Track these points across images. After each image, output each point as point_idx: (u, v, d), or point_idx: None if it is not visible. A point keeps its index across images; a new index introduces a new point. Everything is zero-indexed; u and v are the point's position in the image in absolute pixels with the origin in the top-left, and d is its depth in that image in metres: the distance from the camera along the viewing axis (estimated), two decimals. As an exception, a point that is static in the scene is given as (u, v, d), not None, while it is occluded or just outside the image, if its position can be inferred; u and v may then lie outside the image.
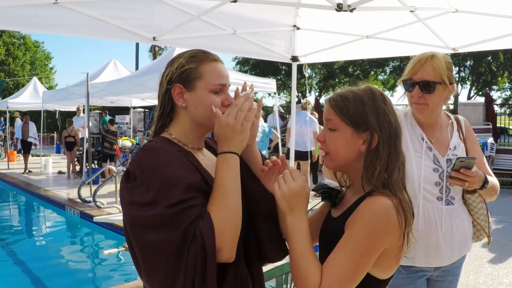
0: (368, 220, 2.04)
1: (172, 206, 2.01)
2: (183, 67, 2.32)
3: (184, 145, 2.36)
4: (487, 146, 17.17)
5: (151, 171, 2.10)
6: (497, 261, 8.83)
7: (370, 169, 2.17)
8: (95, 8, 5.41)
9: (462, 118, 3.69)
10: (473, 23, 5.92)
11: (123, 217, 2.17)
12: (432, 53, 3.36)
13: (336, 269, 2.00)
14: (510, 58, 38.83)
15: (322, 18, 6.56)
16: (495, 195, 3.51)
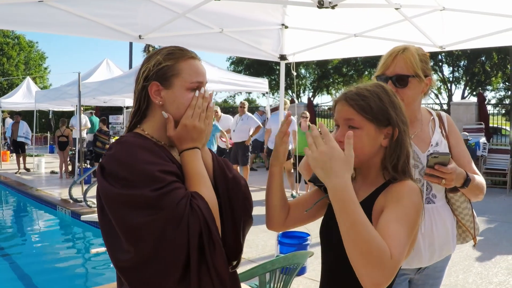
0: (414, 198, 2.14)
1: (156, 189, 2.04)
2: (160, 64, 2.31)
3: (158, 141, 2.36)
4: (479, 146, 17.18)
5: (128, 161, 2.11)
6: (487, 261, 8.81)
7: (393, 160, 2.27)
8: (79, 6, 5.37)
9: (445, 114, 3.57)
10: (460, 21, 5.91)
11: (101, 203, 2.15)
12: (404, 46, 3.26)
13: (397, 240, 1.97)
14: (504, 58, 38.83)
15: (310, 17, 6.55)
16: (480, 194, 3.35)
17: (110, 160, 2.15)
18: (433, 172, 2.95)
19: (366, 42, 6.86)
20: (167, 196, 2.05)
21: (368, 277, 1.90)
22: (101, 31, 5.76)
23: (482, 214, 12.67)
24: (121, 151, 2.16)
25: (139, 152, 2.14)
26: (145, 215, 2.01)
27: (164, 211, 2.02)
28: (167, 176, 2.11)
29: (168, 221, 2.02)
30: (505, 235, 10.73)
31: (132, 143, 2.20)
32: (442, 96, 48.33)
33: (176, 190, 2.09)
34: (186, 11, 5.85)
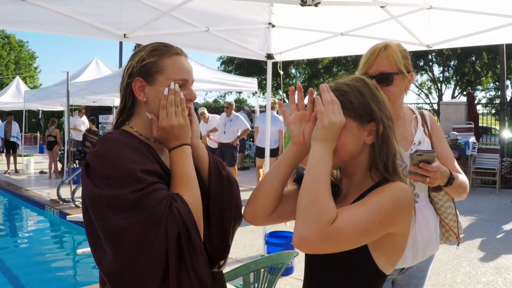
0: (397, 192, 2.04)
1: (136, 190, 2.02)
2: (144, 60, 2.29)
3: (146, 138, 2.34)
4: (469, 145, 17.22)
5: (111, 159, 2.09)
6: (476, 260, 8.82)
7: (382, 158, 2.15)
8: (63, 4, 5.33)
9: (427, 113, 3.53)
10: (447, 20, 5.91)
11: (85, 203, 2.13)
12: (385, 43, 3.20)
13: (353, 216, 1.93)
14: (494, 58, 38.92)
15: (297, 16, 6.54)
16: (464, 193, 3.29)
17: (93, 157, 2.13)
18: (417, 170, 2.87)
19: (353, 41, 6.86)
20: (147, 198, 2.02)
21: (299, 228, 1.90)
22: (86, 30, 5.72)
23: (471, 213, 12.71)
24: (104, 148, 2.15)
25: (122, 150, 2.13)
26: (124, 217, 1.99)
27: (143, 214, 2.00)
28: (149, 177, 2.08)
29: (146, 224, 2.00)
30: (493, 235, 10.75)
31: (116, 140, 2.19)
32: (432, 95, 48.49)
33: (156, 192, 2.06)
34: (171, 9, 5.82)
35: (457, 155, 16.41)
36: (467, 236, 10.47)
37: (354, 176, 2.24)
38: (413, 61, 42.89)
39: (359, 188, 2.19)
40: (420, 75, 46.98)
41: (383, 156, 2.14)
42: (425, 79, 48.86)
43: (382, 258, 2.08)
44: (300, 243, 1.88)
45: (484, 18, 5.63)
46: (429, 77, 47.32)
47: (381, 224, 1.97)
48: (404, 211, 2.03)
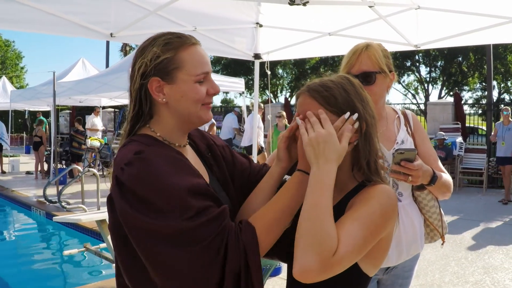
0: (384, 200, 2.00)
1: (189, 218, 1.80)
2: (159, 57, 2.03)
3: (170, 143, 2.12)
4: (456, 145, 17.27)
5: (156, 182, 1.84)
6: (464, 260, 8.83)
7: (365, 157, 2.11)
8: (49, 3, 5.29)
9: (410, 113, 3.53)
10: (436, 20, 5.92)
11: (124, 228, 1.88)
12: (366, 43, 3.21)
13: (351, 239, 1.87)
14: (481, 58, 39.11)
15: (285, 15, 6.53)
16: (447, 192, 3.28)
17: (133, 180, 1.85)
18: (399, 168, 2.86)
19: (341, 41, 6.84)
20: (200, 229, 1.81)
21: (301, 259, 1.82)
22: (72, 29, 5.67)
23: (458, 213, 12.74)
24: (145, 169, 1.86)
25: (166, 170, 1.87)
26: (177, 248, 1.79)
27: (198, 245, 1.79)
28: (200, 201, 1.86)
29: (202, 256, 1.80)
30: (481, 234, 10.78)
31: (156, 157, 1.90)
32: (419, 96, 48.66)
33: (209, 224, 1.83)
34: (158, 8, 5.79)
35: (444, 155, 16.46)
36: (455, 236, 10.51)
37: (337, 176, 2.12)
38: (400, 61, 43.29)
39: (342, 189, 2.17)
40: (407, 75, 47.18)
41: (366, 155, 2.11)
42: (412, 80, 49.08)
43: (366, 261, 2.05)
44: (301, 276, 1.82)
45: (471, 19, 5.65)
46: (416, 78, 47.51)
47: (373, 236, 1.95)
48: (391, 216, 2.02)
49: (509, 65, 41.15)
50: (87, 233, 11.12)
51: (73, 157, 18.97)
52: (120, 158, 1.96)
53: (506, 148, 14.59)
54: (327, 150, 1.93)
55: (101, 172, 20.34)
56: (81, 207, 12.17)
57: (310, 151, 1.94)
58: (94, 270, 9.65)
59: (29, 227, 13.91)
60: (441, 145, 16.71)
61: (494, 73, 37.28)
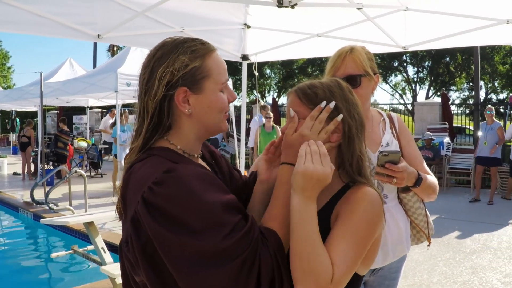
0: (369, 210, 1.99)
1: (228, 235, 1.72)
2: (187, 66, 1.91)
3: (190, 155, 2.04)
4: (443, 146, 17.32)
5: (188, 202, 1.73)
6: (452, 260, 8.86)
7: (348, 159, 2.11)
8: (36, 3, 5.26)
9: (395, 115, 3.55)
10: (424, 22, 5.94)
11: (158, 249, 1.75)
12: (351, 46, 3.23)
13: (344, 260, 1.87)
14: (468, 58, 39.37)
15: (273, 17, 6.52)
16: (433, 194, 3.28)
17: (167, 202, 1.73)
18: (383, 171, 2.85)
19: (329, 42, 6.84)
20: (235, 245, 1.73)
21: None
22: (59, 30, 5.64)
23: (446, 213, 12.78)
24: (179, 190, 1.75)
25: (198, 188, 1.77)
26: (218, 268, 1.70)
27: (232, 263, 1.71)
28: (233, 216, 1.79)
29: (236, 272, 1.72)
30: (469, 234, 10.81)
31: (187, 176, 1.79)
32: (406, 96, 48.86)
33: (243, 238, 1.76)
34: (145, 9, 5.77)
35: (431, 155, 16.52)
36: (443, 236, 10.55)
37: None
38: (388, 61, 43.38)
39: (327, 190, 2.11)
40: (395, 75, 47.36)
41: (349, 157, 2.11)
42: (400, 80, 49.27)
43: (362, 264, 2.06)
44: None
45: (459, 20, 5.68)
46: (403, 78, 47.73)
47: (364, 248, 1.96)
48: (377, 223, 2.02)
49: (496, 66, 41.45)
50: (75, 235, 11.08)
51: (58, 157, 18.86)
52: (144, 175, 1.84)
53: (489, 149, 14.62)
54: (316, 188, 1.90)
55: (89, 173, 20.29)
56: (69, 208, 12.09)
57: (300, 180, 1.90)
58: (82, 272, 9.61)
59: (16, 229, 13.82)
60: (428, 145, 16.75)
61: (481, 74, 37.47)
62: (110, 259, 7.15)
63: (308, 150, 1.92)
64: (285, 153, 2.07)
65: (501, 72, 41.93)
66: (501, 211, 13.41)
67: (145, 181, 1.80)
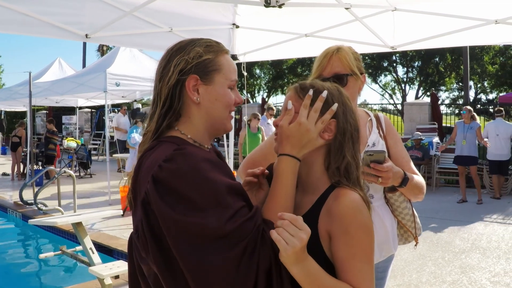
0: (360, 217, 2.00)
1: (230, 218, 1.76)
2: (201, 56, 2.04)
3: (201, 145, 2.09)
4: (432, 145, 17.35)
5: (198, 178, 1.79)
6: (441, 260, 8.86)
7: (335, 162, 2.10)
8: (22, 3, 5.24)
9: (382, 115, 3.53)
10: (412, 22, 5.96)
11: (162, 228, 1.77)
12: (337, 46, 3.22)
13: (363, 276, 1.96)
14: (458, 59, 39.49)
15: (261, 17, 6.52)
16: (420, 194, 3.27)
17: (174, 177, 1.79)
18: (369, 170, 2.84)
19: (318, 42, 6.84)
20: (241, 227, 1.78)
21: None
22: (47, 30, 5.62)
23: (435, 213, 12.80)
24: (187, 164, 1.80)
25: (206, 166, 1.83)
26: (214, 251, 1.73)
27: (238, 247, 1.75)
28: (238, 200, 1.84)
29: (239, 258, 1.75)
30: (458, 234, 10.82)
31: (196, 154, 1.86)
32: (396, 96, 48.95)
33: (247, 223, 1.80)
34: (133, 9, 5.76)
35: (421, 155, 16.55)
36: (432, 235, 10.56)
37: (310, 175, 2.18)
38: (377, 62, 43.46)
39: (314, 190, 2.15)
40: (384, 75, 47.45)
41: (338, 160, 2.11)
42: (389, 80, 49.35)
43: None
44: None
45: (448, 20, 5.70)
46: (393, 78, 47.79)
47: (373, 253, 2.03)
48: (371, 225, 2.04)
49: (486, 66, 41.57)
50: (64, 236, 11.03)
51: (48, 158, 18.76)
52: (155, 158, 1.90)
53: (468, 148, 14.66)
54: (304, 249, 1.87)
55: (78, 173, 20.22)
56: (58, 209, 12.05)
57: (293, 259, 1.84)
58: (71, 273, 9.58)
59: (5, 229, 13.76)
60: (417, 145, 16.78)
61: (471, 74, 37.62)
62: (99, 260, 7.13)
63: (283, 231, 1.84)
64: (283, 144, 2.09)
65: (491, 72, 42.07)
66: (490, 211, 13.44)
67: (155, 162, 1.86)
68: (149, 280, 1.95)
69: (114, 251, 9.12)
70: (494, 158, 15.22)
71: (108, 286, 6.62)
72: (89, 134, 31.46)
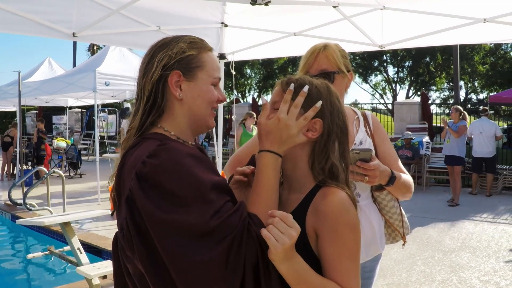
0: (346, 216, 1.99)
1: (214, 214, 1.75)
2: (184, 52, 2.03)
3: (184, 141, 2.08)
4: (422, 145, 17.40)
5: (181, 173, 1.78)
6: (430, 259, 8.88)
7: (319, 163, 2.09)
8: (10, 2, 5.20)
9: (369, 113, 3.51)
10: (401, 20, 5.96)
11: (147, 225, 1.76)
12: (324, 44, 3.21)
13: (350, 274, 1.96)
14: (448, 58, 39.64)
15: (250, 16, 6.52)
16: (408, 193, 3.25)
17: (157, 172, 1.79)
18: (355, 169, 2.82)
19: (306, 41, 6.82)
20: (226, 223, 1.77)
21: None
22: (33, 28, 5.59)
23: (425, 212, 12.84)
24: (170, 160, 1.81)
25: (190, 162, 1.83)
26: (199, 248, 1.72)
27: (224, 243, 1.74)
28: (222, 196, 1.84)
29: (225, 255, 1.74)
30: (448, 233, 10.86)
31: (180, 149, 1.87)
32: (386, 96, 49.12)
33: (233, 215, 1.81)
34: (121, 7, 5.73)
35: (411, 154, 16.60)
36: (422, 235, 10.58)
37: (296, 174, 2.17)
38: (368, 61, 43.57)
39: (301, 188, 2.14)
40: (375, 75, 47.59)
41: (322, 161, 2.10)
42: (380, 80, 49.50)
43: None
44: None
45: (436, 19, 5.70)
46: (383, 78, 47.94)
47: (359, 251, 2.04)
48: (358, 223, 2.04)
49: (476, 66, 41.75)
50: (52, 236, 11.00)
51: (39, 159, 18.71)
52: (138, 155, 1.89)
53: (450, 147, 14.72)
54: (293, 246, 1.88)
55: (68, 173, 20.16)
56: (47, 209, 12.00)
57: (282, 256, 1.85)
58: (59, 273, 9.55)
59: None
60: (408, 144, 16.83)
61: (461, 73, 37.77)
62: (86, 260, 7.11)
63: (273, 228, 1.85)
64: (262, 140, 2.08)
65: (481, 72, 42.26)
66: (480, 210, 13.49)
67: (139, 159, 1.86)
68: (134, 279, 1.93)
69: (103, 251, 9.10)
70: (478, 155, 15.57)
71: (96, 286, 6.59)
72: (79, 134, 31.40)
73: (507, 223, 11.97)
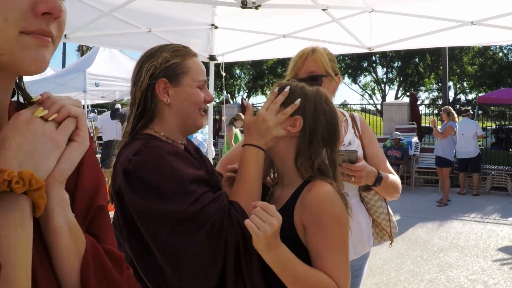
0: (331, 208, 2.05)
1: (192, 203, 1.93)
2: (168, 61, 2.23)
3: (174, 141, 2.27)
4: (411, 145, 17.43)
5: (161, 168, 1.98)
6: (419, 258, 8.92)
7: (307, 160, 2.16)
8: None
9: (358, 115, 3.56)
10: (389, 23, 5.99)
11: (133, 215, 1.97)
12: (312, 47, 3.26)
13: (339, 268, 2.01)
14: (437, 59, 39.70)
15: (240, 18, 6.53)
16: (395, 193, 3.30)
17: (141, 167, 1.99)
18: (341, 169, 2.88)
19: (295, 43, 6.82)
20: (204, 210, 1.94)
21: None
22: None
23: (413, 212, 12.88)
24: (151, 156, 2.01)
25: (169, 158, 2.02)
26: (183, 234, 1.92)
27: (202, 229, 1.92)
28: (200, 187, 2.01)
29: (205, 238, 1.92)
30: (436, 233, 10.91)
31: (161, 147, 2.08)
32: (376, 96, 49.17)
33: (212, 203, 1.98)
34: (112, 9, 5.73)
35: (400, 155, 16.64)
36: (410, 234, 10.64)
37: (285, 172, 2.26)
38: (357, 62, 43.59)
39: (289, 184, 2.23)
40: (364, 76, 47.63)
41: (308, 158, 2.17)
42: (369, 80, 49.55)
43: None
44: None
45: (425, 22, 5.74)
46: (372, 78, 47.99)
47: (347, 243, 2.09)
48: (345, 215, 2.09)
49: (465, 66, 41.87)
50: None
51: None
52: (127, 153, 2.07)
53: (437, 148, 14.95)
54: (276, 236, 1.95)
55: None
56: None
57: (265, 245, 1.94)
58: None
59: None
60: (396, 145, 16.87)
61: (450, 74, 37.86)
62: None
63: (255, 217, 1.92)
64: (245, 136, 2.26)
65: (470, 73, 42.41)
66: (468, 210, 13.54)
67: (126, 157, 2.05)
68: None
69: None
70: (462, 156, 15.65)
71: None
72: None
73: (495, 222, 12.04)
